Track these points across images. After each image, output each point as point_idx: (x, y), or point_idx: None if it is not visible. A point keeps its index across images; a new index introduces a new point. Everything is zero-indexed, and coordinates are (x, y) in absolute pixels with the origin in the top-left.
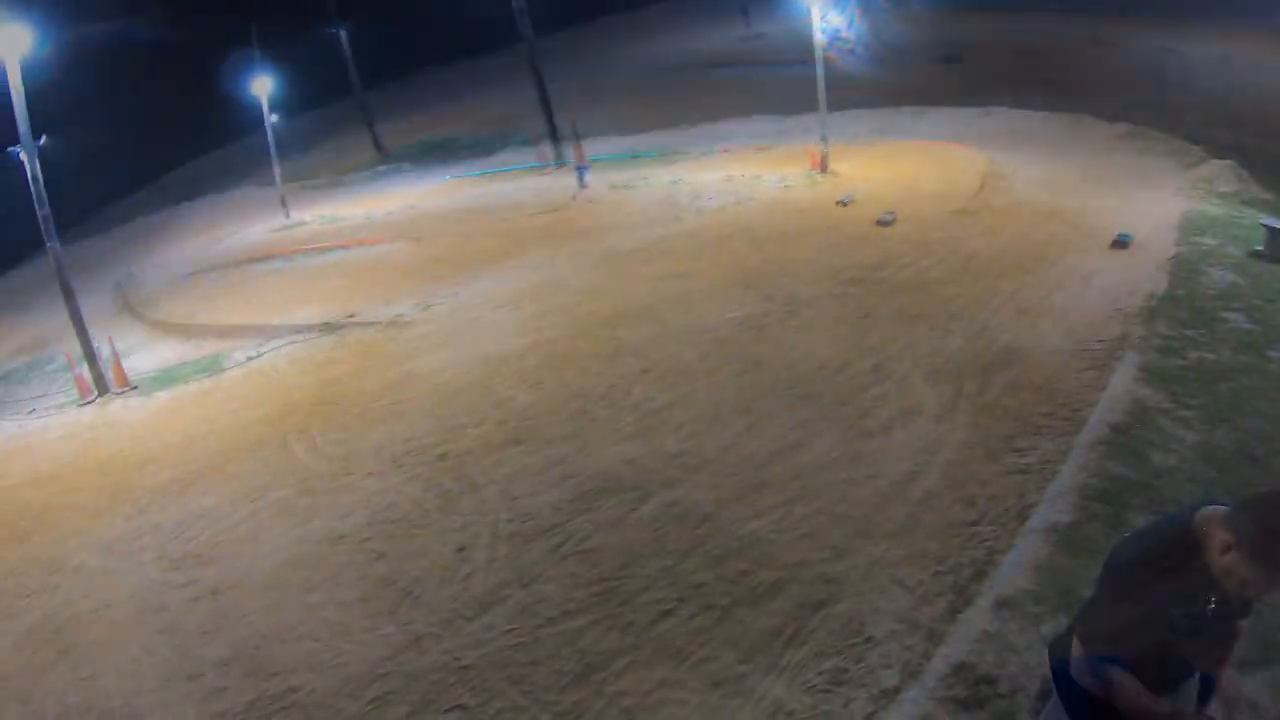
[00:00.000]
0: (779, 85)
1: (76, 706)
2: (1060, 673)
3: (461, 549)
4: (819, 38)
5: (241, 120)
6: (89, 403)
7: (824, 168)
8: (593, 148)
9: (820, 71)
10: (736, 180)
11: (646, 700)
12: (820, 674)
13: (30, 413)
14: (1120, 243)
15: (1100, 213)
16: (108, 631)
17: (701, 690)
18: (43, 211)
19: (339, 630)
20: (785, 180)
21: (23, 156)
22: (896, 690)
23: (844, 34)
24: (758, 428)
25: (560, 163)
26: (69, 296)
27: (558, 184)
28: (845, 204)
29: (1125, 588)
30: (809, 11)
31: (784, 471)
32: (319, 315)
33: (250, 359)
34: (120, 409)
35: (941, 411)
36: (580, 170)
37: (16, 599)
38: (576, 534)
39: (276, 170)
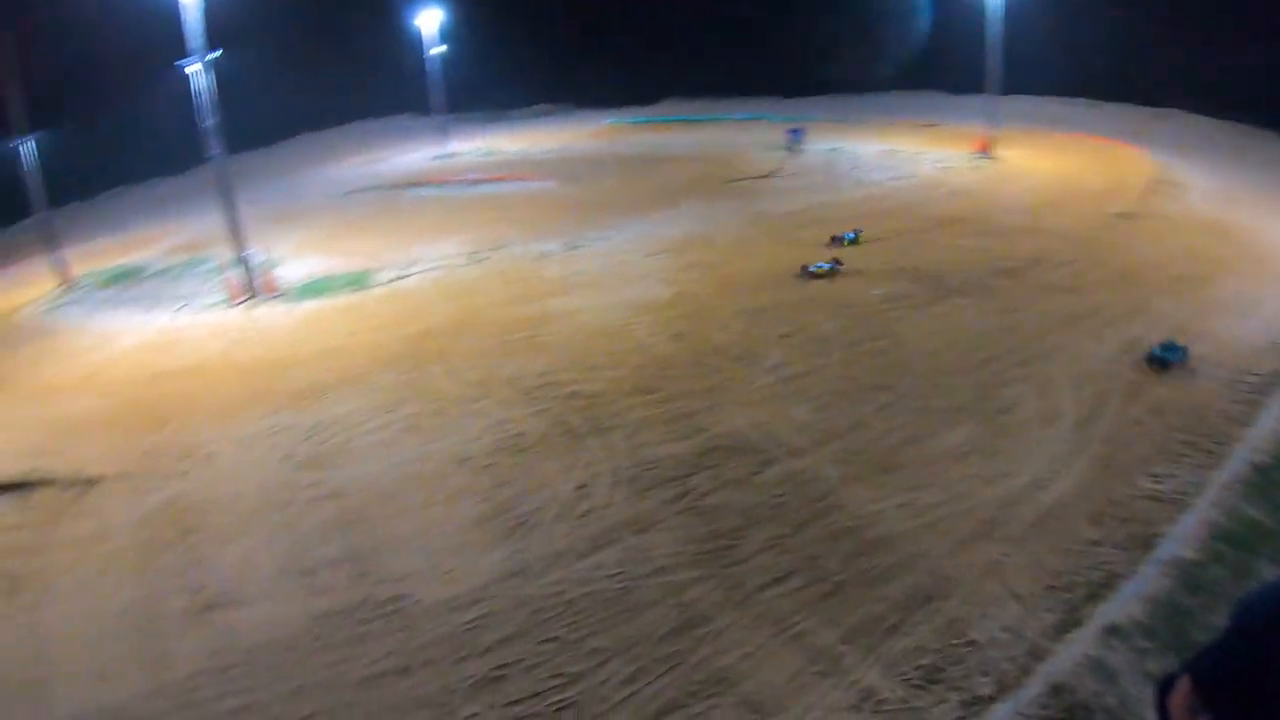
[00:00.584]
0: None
1: (187, 586)
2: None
3: (582, 487)
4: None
5: (400, 50)
6: (237, 305)
7: (988, 152)
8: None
9: (996, 51)
10: (898, 155)
11: (740, 664)
12: (917, 669)
13: (181, 309)
14: None
15: (1275, 237)
16: (230, 520)
17: (797, 663)
18: (209, 122)
19: (452, 548)
20: (946, 161)
21: (190, 70)
22: (990, 700)
23: None
24: (892, 408)
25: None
26: (228, 204)
27: (720, 138)
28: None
29: (1261, 650)
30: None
31: (914, 456)
32: (467, 244)
33: (396, 279)
34: (266, 314)
35: (1081, 420)
36: (794, 134)
37: (148, 479)
38: (696, 489)
39: (438, 99)
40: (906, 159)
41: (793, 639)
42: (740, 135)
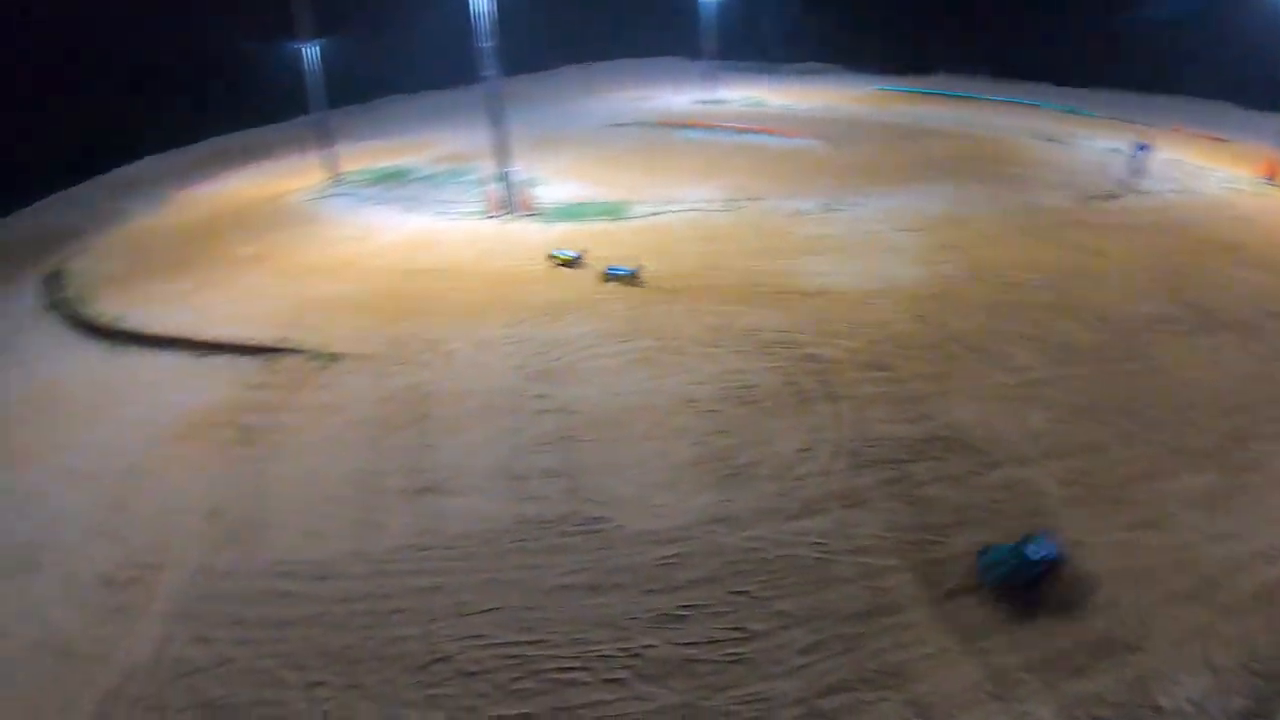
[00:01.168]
0: None
1: (408, 467)
2: None
3: (803, 450)
4: None
5: None
6: (494, 217)
7: (1276, 179)
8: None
9: None
10: (1180, 167)
11: (918, 663)
12: (1091, 718)
13: (441, 214)
14: None
15: None
16: (459, 414)
17: (974, 677)
18: (486, 44)
19: (663, 484)
20: (1232, 181)
21: None
22: None
23: None
24: (1132, 437)
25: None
26: (496, 122)
27: (991, 119)
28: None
29: None
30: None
31: (1145, 494)
32: (724, 191)
33: (651, 214)
34: (520, 230)
35: None
36: (1140, 149)
37: (393, 363)
38: (914, 477)
39: (709, 45)
40: (1189, 173)
41: (974, 653)
42: (1012, 119)
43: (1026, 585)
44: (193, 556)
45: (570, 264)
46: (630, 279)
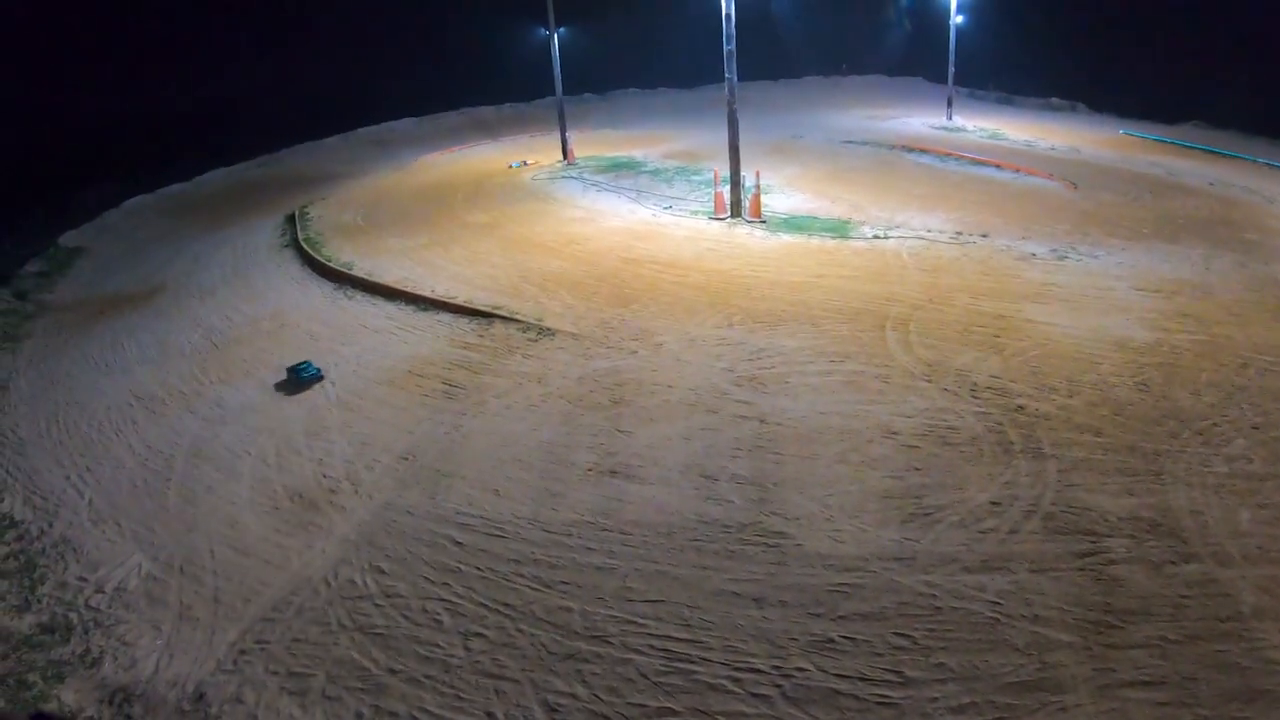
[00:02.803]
0: None
1: (600, 446)
2: None
3: (996, 504)
4: None
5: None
6: (719, 219)
7: None
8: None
9: None
10: None
11: None
12: None
13: (667, 209)
14: None
15: None
16: (658, 406)
17: None
18: (728, 48)
19: (849, 510)
20: None
21: None
22: None
23: None
24: None
25: None
26: (732, 124)
27: (1242, 179)
28: None
29: None
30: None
31: None
32: (953, 223)
33: (875, 237)
34: (745, 235)
35: None
36: None
37: (598, 345)
38: (1108, 554)
39: (951, 71)
40: None
41: None
42: (1266, 182)
43: None
44: (381, 492)
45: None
46: None
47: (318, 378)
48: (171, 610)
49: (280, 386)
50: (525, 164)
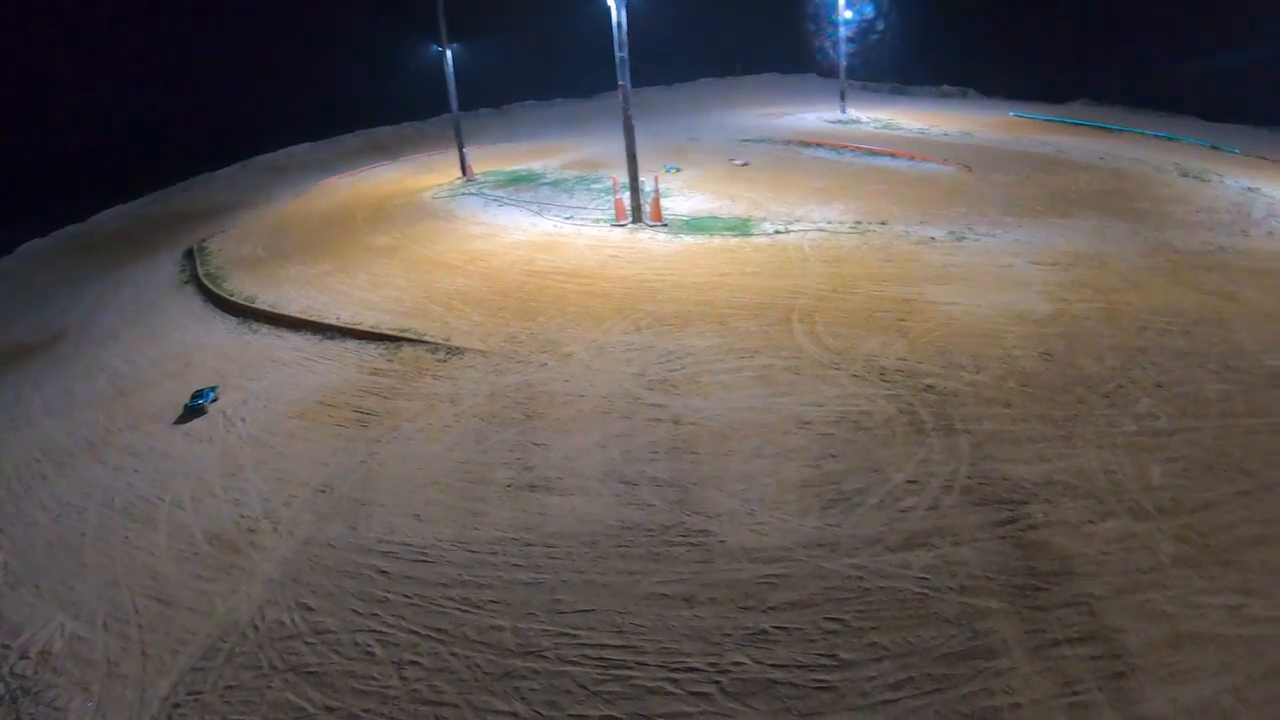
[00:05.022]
0: None
1: (517, 462)
2: None
3: (913, 482)
4: None
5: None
6: (621, 226)
7: None
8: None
9: None
10: None
11: (1009, 712)
12: None
13: (568, 219)
14: None
15: None
16: (572, 416)
17: None
18: (620, 55)
19: (769, 503)
20: None
21: (611, 1)
22: None
23: None
24: (1250, 497)
25: None
26: (628, 131)
27: (1131, 152)
28: None
29: None
30: None
31: (1259, 559)
32: (852, 213)
33: (776, 233)
34: (647, 239)
35: None
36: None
37: (508, 360)
38: (1027, 519)
39: (841, 65)
40: None
41: (1071, 706)
42: (1152, 153)
43: None
44: (301, 527)
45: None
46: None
47: (211, 400)
48: (100, 669)
49: (188, 426)
50: (679, 169)
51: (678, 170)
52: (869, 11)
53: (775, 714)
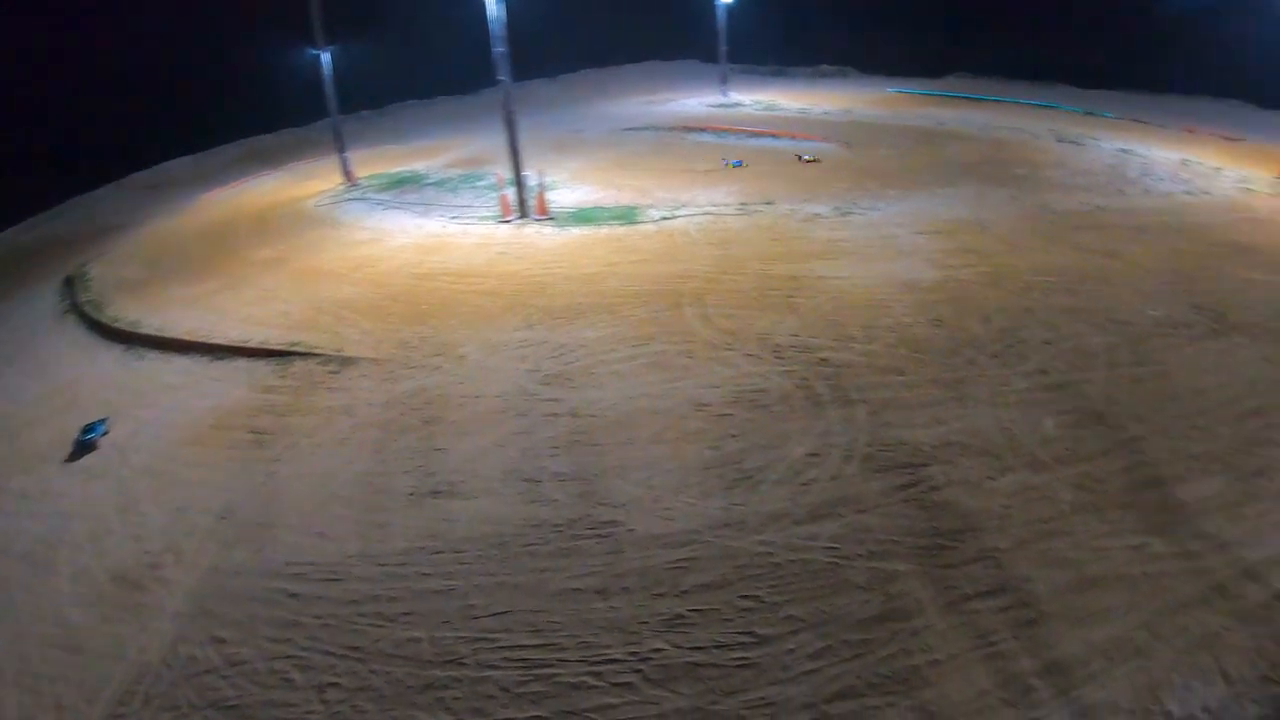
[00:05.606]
0: None
1: (418, 469)
2: None
3: (813, 455)
4: None
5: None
6: (507, 222)
7: None
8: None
9: None
10: (1192, 168)
11: (928, 668)
12: None
13: (454, 219)
14: None
15: None
16: (469, 417)
17: (985, 684)
18: (499, 50)
19: (673, 487)
20: (1247, 182)
21: None
22: None
23: None
24: (1142, 442)
25: None
26: (510, 126)
27: (1008, 120)
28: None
29: None
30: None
31: (1154, 499)
32: (737, 195)
33: (664, 219)
34: (534, 234)
35: None
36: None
37: (401, 367)
38: (928, 481)
39: (722, 49)
40: (1203, 173)
41: (988, 658)
42: (1029, 121)
43: None
44: (205, 557)
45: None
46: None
47: (103, 434)
48: None
49: (80, 462)
50: (742, 164)
51: (743, 165)
52: None
53: (700, 696)
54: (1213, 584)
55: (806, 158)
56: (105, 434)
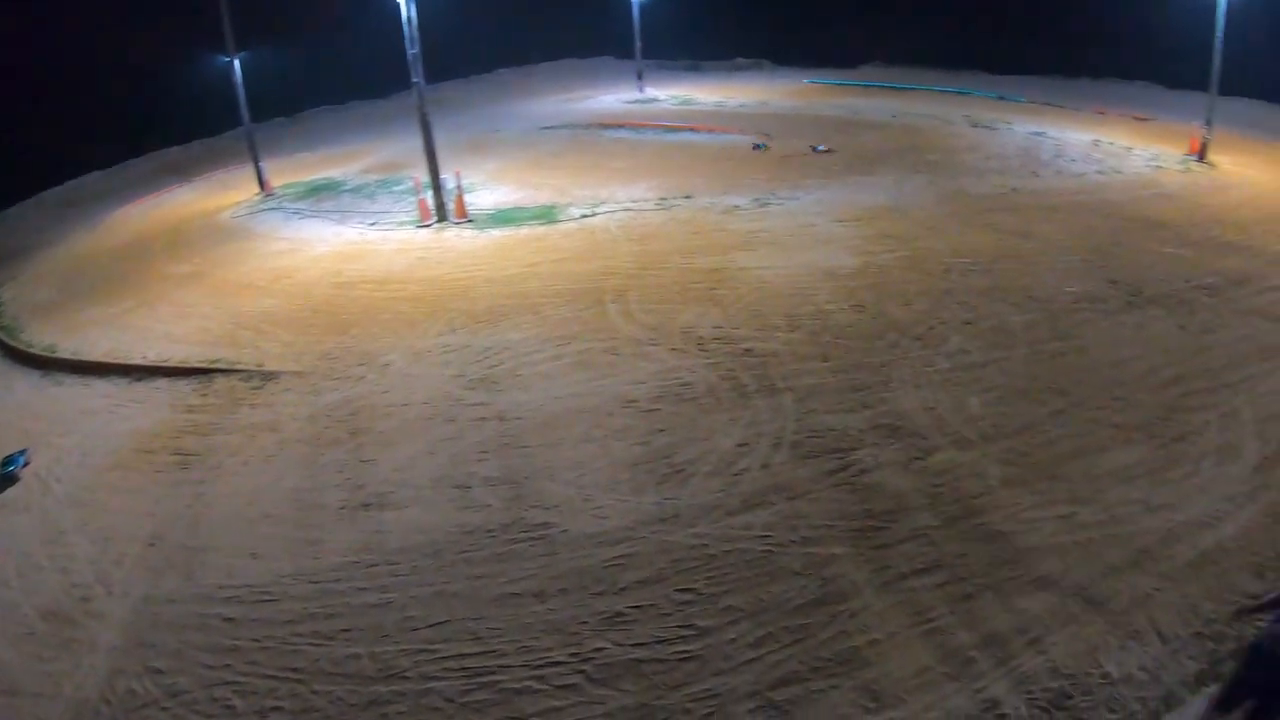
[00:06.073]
0: None
1: (347, 482)
2: None
3: (742, 445)
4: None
5: None
6: (426, 226)
7: (1202, 156)
8: None
9: (1218, 50)
10: (1104, 148)
11: (868, 648)
12: (1046, 690)
13: (372, 225)
14: None
15: None
16: (396, 427)
17: (926, 659)
18: (412, 51)
19: (604, 485)
20: (1158, 160)
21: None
22: None
23: None
24: (1065, 415)
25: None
26: (425, 129)
27: (921, 108)
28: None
29: None
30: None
31: (1080, 470)
32: (656, 190)
33: (583, 216)
34: (454, 237)
35: (1262, 463)
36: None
37: (325, 379)
38: (856, 465)
39: (637, 44)
40: (1114, 153)
41: (926, 634)
42: (942, 107)
43: None
44: (136, 586)
45: None
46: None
47: (23, 465)
48: None
49: (1, 497)
50: (767, 147)
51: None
52: None
53: (644, 693)
54: (1141, 547)
55: (821, 149)
56: (26, 465)
